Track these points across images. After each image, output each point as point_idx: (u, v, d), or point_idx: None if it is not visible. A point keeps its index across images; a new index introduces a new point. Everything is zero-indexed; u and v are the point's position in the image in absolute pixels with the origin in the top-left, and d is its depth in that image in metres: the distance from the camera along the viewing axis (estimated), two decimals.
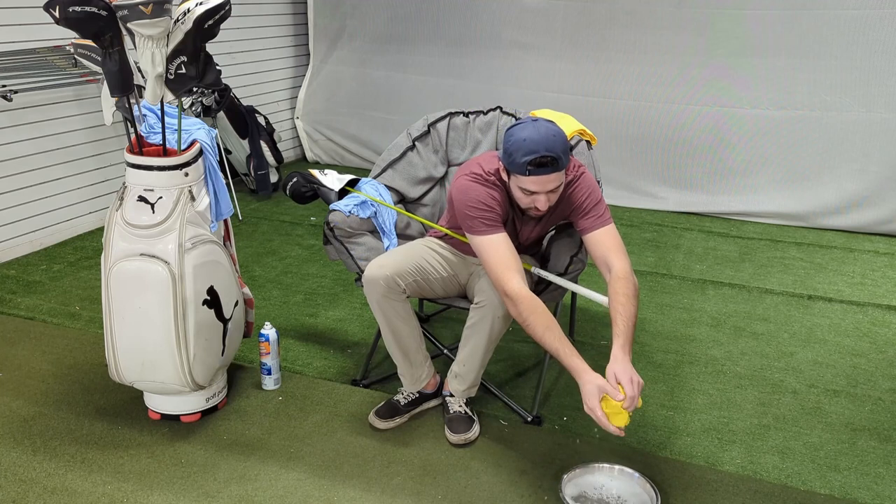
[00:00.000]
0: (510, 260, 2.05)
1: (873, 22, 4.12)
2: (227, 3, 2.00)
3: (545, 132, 1.98)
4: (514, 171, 2.03)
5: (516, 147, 1.98)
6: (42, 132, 3.87)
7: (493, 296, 2.12)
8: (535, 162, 1.95)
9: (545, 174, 1.98)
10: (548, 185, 2.01)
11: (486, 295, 2.14)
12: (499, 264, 2.05)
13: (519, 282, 2.01)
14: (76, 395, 2.54)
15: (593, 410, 1.87)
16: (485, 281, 2.16)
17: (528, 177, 1.99)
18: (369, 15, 5.47)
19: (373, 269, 2.20)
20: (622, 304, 2.00)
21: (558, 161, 1.97)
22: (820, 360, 2.90)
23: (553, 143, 1.97)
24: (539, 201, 2.05)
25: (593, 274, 3.71)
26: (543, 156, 1.95)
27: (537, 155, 1.95)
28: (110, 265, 2.14)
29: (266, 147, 4.90)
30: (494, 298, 2.12)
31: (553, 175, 2.00)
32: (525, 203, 2.10)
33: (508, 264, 2.04)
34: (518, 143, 1.98)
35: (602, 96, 4.84)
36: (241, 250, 3.94)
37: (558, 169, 1.99)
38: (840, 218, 4.47)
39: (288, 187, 2.65)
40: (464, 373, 2.30)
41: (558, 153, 1.97)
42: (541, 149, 1.95)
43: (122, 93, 2.07)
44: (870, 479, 2.20)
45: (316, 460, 2.22)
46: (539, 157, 1.95)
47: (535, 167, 1.97)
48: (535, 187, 2.02)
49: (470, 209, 2.11)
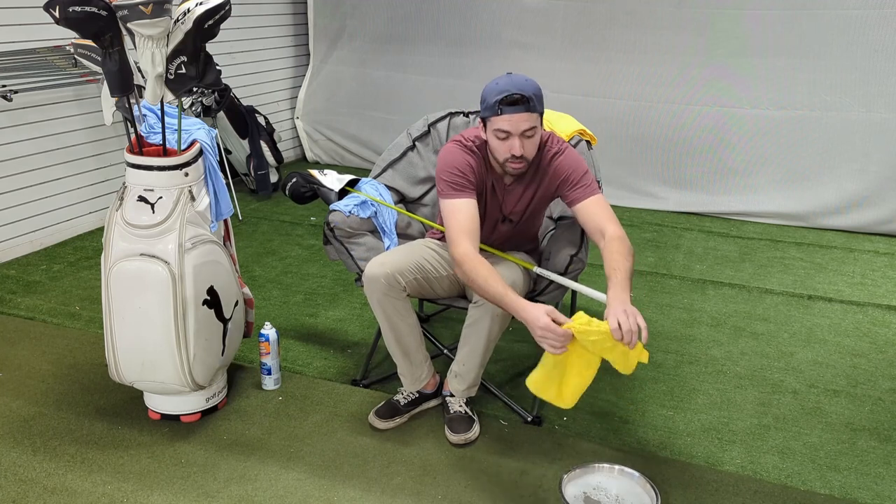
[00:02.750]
0: (466, 224, 2.09)
1: (873, 22, 4.12)
2: (227, 3, 2.00)
3: (517, 78, 2.07)
4: (488, 117, 2.08)
5: (489, 91, 2.07)
6: (42, 132, 3.87)
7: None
8: (505, 100, 2.01)
9: (517, 112, 2.03)
10: (520, 124, 2.04)
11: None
12: (454, 227, 2.10)
13: (468, 246, 2.05)
14: (76, 395, 2.54)
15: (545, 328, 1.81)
16: None
17: (500, 116, 2.04)
18: (369, 15, 5.47)
19: (373, 268, 2.21)
20: (616, 259, 1.99)
21: (529, 101, 2.02)
22: (820, 360, 2.91)
23: (524, 85, 2.04)
24: (514, 146, 2.06)
25: (594, 274, 3.71)
26: (514, 93, 2.01)
27: (508, 93, 2.02)
28: (110, 265, 2.14)
29: (266, 147, 4.90)
30: None
31: (525, 114, 2.03)
32: (502, 153, 2.11)
33: (463, 228, 2.08)
34: (491, 88, 2.07)
35: (602, 96, 4.84)
36: (241, 250, 3.94)
37: (530, 109, 2.04)
38: (840, 218, 4.47)
39: (287, 187, 2.65)
40: (463, 372, 2.31)
41: (529, 94, 2.03)
42: (512, 88, 2.02)
43: (122, 93, 2.07)
44: (870, 479, 2.20)
45: (316, 460, 2.22)
46: (509, 95, 2.01)
47: (506, 105, 2.02)
48: (508, 126, 2.05)
49: (443, 172, 2.17)
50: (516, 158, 2.09)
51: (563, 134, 2.62)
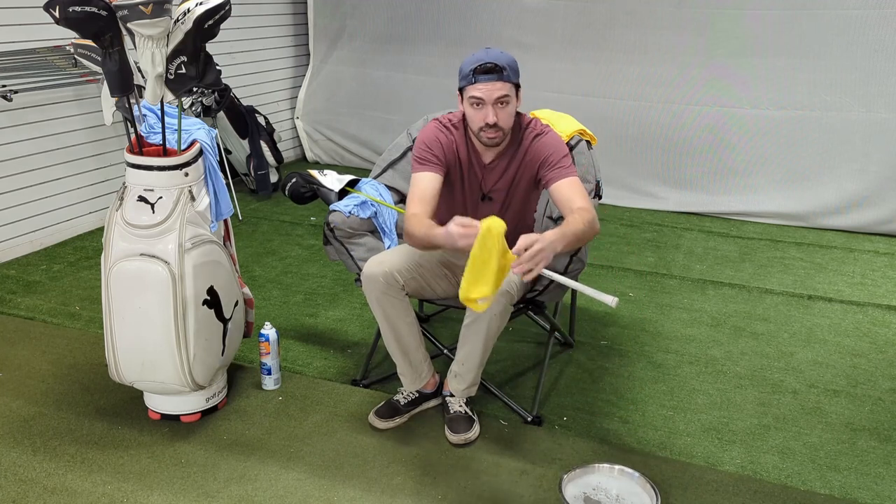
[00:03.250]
0: (421, 193, 2.19)
1: (873, 22, 4.12)
2: (227, 3, 2.00)
3: (493, 50, 2.15)
4: (464, 86, 2.15)
5: (465, 63, 2.15)
6: (42, 132, 3.87)
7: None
8: (480, 69, 2.09)
9: (491, 81, 2.09)
10: (494, 92, 2.10)
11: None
12: (411, 196, 2.21)
13: (416, 209, 2.15)
14: (76, 395, 2.54)
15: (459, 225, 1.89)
16: None
17: (474, 84, 2.11)
18: (369, 15, 5.47)
19: (371, 266, 2.21)
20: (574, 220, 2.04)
21: (503, 70, 2.10)
22: (820, 360, 2.91)
23: (499, 56, 2.12)
24: (489, 114, 2.11)
25: (594, 274, 3.72)
26: (488, 62, 2.09)
27: (482, 62, 2.10)
28: (110, 265, 2.14)
29: (266, 147, 4.90)
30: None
31: (498, 83, 2.10)
32: (477, 122, 2.15)
33: (417, 196, 2.18)
34: (467, 60, 2.15)
35: (602, 96, 4.84)
36: (241, 250, 3.94)
37: (503, 79, 2.10)
38: (840, 218, 4.47)
39: (287, 188, 2.65)
40: (463, 372, 2.31)
41: (503, 63, 2.10)
42: (486, 58, 2.10)
43: (122, 93, 2.07)
44: (870, 479, 2.20)
45: (316, 460, 2.22)
46: (484, 64, 2.09)
47: (480, 73, 2.10)
48: (481, 94, 2.10)
49: (415, 149, 2.27)
50: (490, 127, 2.14)
51: (563, 134, 2.62)
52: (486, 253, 1.81)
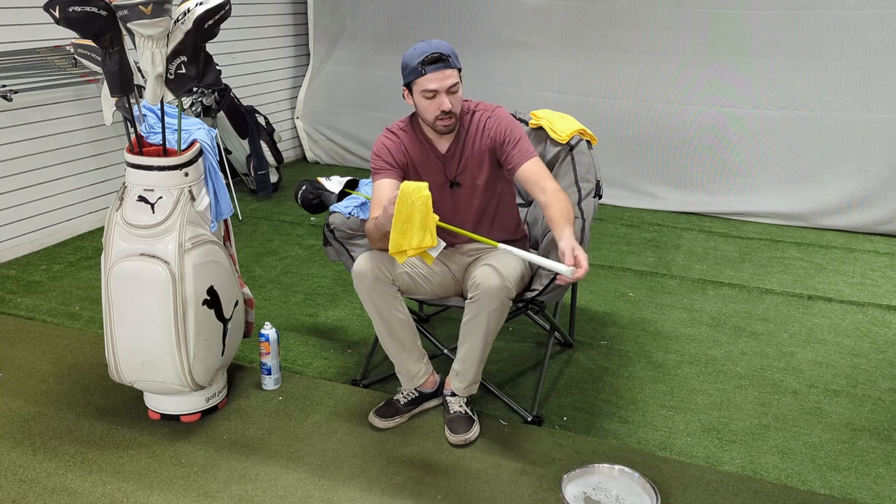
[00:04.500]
0: (380, 199, 2.24)
1: (873, 22, 4.12)
2: (227, 3, 2.00)
3: (432, 41, 2.20)
4: (413, 80, 2.18)
5: (408, 57, 2.19)
6: (42, 132, 3.87)
7: (486, 289, 2.13)
8: (427, 60, 2.14)
9: (440, 70, 2.15)
10: (445, 80, 2.16)
11: (480, 289, 2.14)
12: (373, 204, 2.27)
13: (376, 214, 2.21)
14: (76, 395, 2.54)
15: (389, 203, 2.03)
16: (479, 273, 2.17)
17: (425, 76, 2.15)
18: (369, 15, 5.47)
19: (360, 262, 2.24)
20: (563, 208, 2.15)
21: (448, 58, 2.16)
22: (820, 360, 2.91)
23: (440, 45, 2.17)
24: (443, 103, 2.17)
25: (594, 273, 3.72)
26: (433, 53, 2.14)
27: (427, 53, 2.14)
28: (110, 265, 2.14)
29: (266, 147, 4.90)
30: (488, 291, 2.13)
31: (448, 70, 2.16)
32: (432, 112, 2.20)
33: (378, 202, 2.24)
34: (409, 54, 2.19)
35: (602, 96, 4.84)
36: (241, 250, 3.94)
37: (451, 66, 2.17)
38: (840, 218, 4.47)
39: (298, 196, 2.76)
40: (464, 370, 2.31)
41: (447, 52, 2.17)
42: (430, 49, 2.15)
43: (122, 93, 2.07)
44: (870, 479, 2.20)
45: (316, 460, 2.22)
46: (430, 55, 2.14)
47: (428, 65, 2.14)
48: (434, 84, 2.15)
49: (371, 162, 2.35)
50: (446, 114, 2.20)
51: (563, 134, 2.62)
52: (406, 208, 1.99)
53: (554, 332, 2.71)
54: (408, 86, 2.22)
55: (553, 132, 2.63)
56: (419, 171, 2.33)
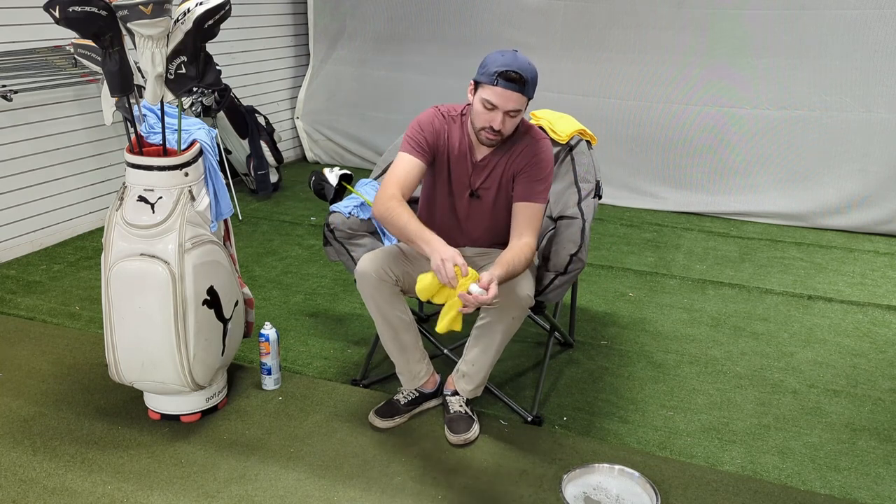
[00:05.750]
0: (403, 177, 2.18)
1: (873, 22, 4.12)
2: (227, 3, 2.00)
3: (521, 58, 2.11)
4: (482, 82, 2.10)
5: (493, 60, 2.10)
6: (42, 132, 3.87)
7: (516, 296, 2.11)
8: (505, 74, 2.05)
9: (510, 90, 2.06)
10: (508, 102, 2.07)
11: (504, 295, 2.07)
12: (391, 174, 2.20)
13: (396, 192, 2.15)
14: (76, 395, 2.54)
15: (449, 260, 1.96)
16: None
17: (493, 87, 2.07)
18: (369, 15, 5.47)
19: (363, 262, 2.22)
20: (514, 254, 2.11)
21: (526, 83, 2.07)
22: (820, 360, 2.91)
23: (528, 68, 2.09)
24: (496, 120, 2.10)
25: (594, 273, 3.72)
26: (515, 71, 2.05)
27: (509, 69, 2.05)
28: (110, 265, 2.14)
29: (266, 147, 4.90)
30: (517, 298, 2.11)
31: (516, 95, 2.07)
32: (482, 120, 2.13)
33: (399, 179, 2.18)
34: (495, 58, 2.10)
35: (602, 96, 4.84)
36: (241, 250, 3.94)
37: (523, 92, 2.08)
38: (840, 218, 4.47)
39: (311, 183, 2.80)
40: (472, 372, 2.30)
41: (528, 77, 2.08)
42: (514, 66, 2.06)
43: (122, 93, 2.07)
44: (870, 479, 2.20)
45: (316, 460, 2.22)
46: (510, 71, 2.05)
47: (503, 79, 2.05)
48: (497, 100, 2.07)
49: (409, 127, 2.24)
50: (493, 132, 2.13)
51: (563, 134, 2.62)
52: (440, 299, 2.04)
53: (554, 332, 2.71)
54: (476, 82, 2.15)
55: (553, 132, 2.63)
56: (450, 168, 2.28)
